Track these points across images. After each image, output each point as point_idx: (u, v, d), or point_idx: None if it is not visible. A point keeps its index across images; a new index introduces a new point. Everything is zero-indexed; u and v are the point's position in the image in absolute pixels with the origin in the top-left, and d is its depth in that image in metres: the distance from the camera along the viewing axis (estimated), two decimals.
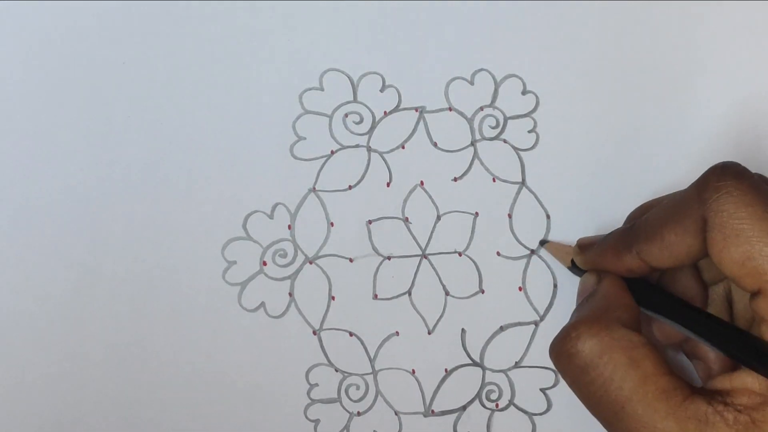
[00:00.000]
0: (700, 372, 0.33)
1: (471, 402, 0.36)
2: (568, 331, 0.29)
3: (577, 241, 0.34)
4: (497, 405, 0.36)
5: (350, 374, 0.36)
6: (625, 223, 0.33)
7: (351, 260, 0.36)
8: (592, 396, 0.28)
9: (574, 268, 0.34)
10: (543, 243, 0.36)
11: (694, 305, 0.31)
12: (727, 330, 0.29)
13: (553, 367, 0.36)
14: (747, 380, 0.27)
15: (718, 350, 0.29)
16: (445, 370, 0.36)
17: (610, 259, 0.31)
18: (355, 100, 0.37)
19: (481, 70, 0.36)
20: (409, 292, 0.36)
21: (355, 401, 0.36)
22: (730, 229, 0.27)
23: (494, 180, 0.36)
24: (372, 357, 0.36)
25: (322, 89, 0.37)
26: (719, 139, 0.36)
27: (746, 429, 0.26)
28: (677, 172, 0.36)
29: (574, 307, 0.34)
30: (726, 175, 0.27)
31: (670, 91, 0.36)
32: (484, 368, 0.36)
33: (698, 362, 0.33)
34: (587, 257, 0.33)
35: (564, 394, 0.36)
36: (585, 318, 0.29)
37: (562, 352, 0.29)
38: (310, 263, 0.36)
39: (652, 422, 0.27)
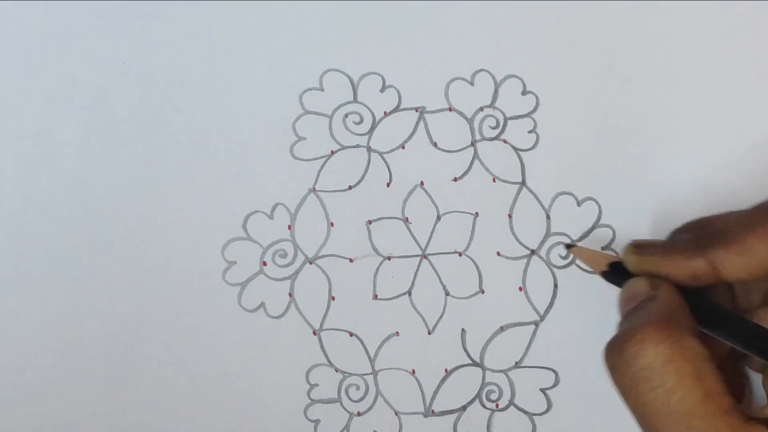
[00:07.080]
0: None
1: (471, 402, 0.36)
2: (632, 333, 0.27)
3: (632, 242, 0.32)
4: (497, 405, 0.36)
5: (350, 374, 0.36)
6: (670, 236, 0.32)
7: (351, 260, 0.36)
8: (650, 404, 0.26)
9: (610, 274, 0.32)
10: (569, 247, 0.34)
11: (756, 323, 0.29)
12: None
13: (552, 367, 0.36)
14: None
15: None
16: (445, 370, 0.36)
17: (676, 261, 0.29)
18: (355, 100, 0.37)
19: (481, 70, 0.36)
20: (409, 292, 0.36)
21: (355, 401, 0.36)
22: None
23: (494, 180, 0.36)
24: (372, 357, 0.36)
25: (322, 89, 0.36)
26: (720, 139, 0.36)
27: None
28: (678, 172, 0.36)
29: (574, 307, 0.34)
30: None
31: (670, 91, 0.36)
32: (484, 368, 0.36)
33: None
34: (645, 258, 0.30)
35: (564, 394, 0.36)
36: (650, 323, 0.27)
37: (622, 355, 0.27)
38: (310, 263, 0.36)
39: None
